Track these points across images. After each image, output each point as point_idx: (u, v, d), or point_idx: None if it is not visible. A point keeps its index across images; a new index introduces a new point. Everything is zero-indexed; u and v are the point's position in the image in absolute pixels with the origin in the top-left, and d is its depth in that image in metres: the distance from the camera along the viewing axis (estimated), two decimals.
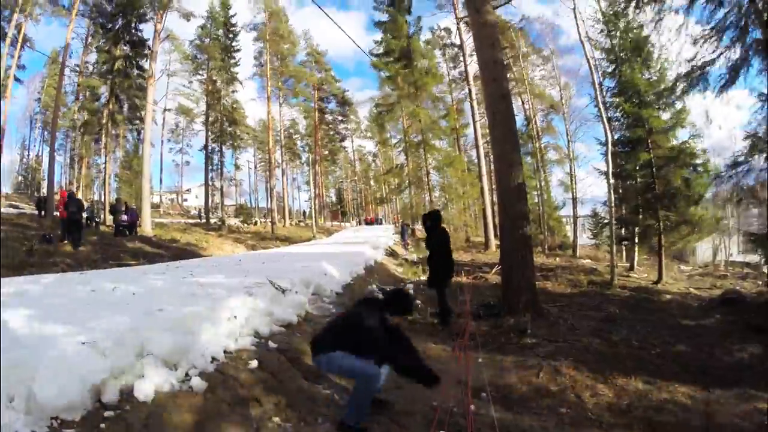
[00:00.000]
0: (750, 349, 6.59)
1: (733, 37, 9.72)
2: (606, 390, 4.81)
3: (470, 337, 6.59)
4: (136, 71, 26.14)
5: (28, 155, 50.17)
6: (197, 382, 3.65)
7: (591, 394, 4.70)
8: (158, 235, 22.50)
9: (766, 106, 9.63)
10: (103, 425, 2.96)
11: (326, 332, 3.99)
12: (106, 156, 27.46)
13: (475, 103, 25.76)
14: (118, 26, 25.03)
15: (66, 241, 15.26)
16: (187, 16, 27.25)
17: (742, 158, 10.04)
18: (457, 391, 4.52)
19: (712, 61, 10.33)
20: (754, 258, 22.79)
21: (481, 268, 16.05)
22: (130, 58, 25.71)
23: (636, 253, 18.29)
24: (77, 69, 30.60)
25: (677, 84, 11.71)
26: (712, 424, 4.12)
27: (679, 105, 15.28)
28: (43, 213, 22.75)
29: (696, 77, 10.73)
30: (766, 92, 9.59)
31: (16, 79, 25.80)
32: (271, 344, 4.98)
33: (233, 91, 36.72)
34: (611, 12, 16.87)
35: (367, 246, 17.10)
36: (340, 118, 49.78)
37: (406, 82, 28.16)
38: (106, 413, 3.06)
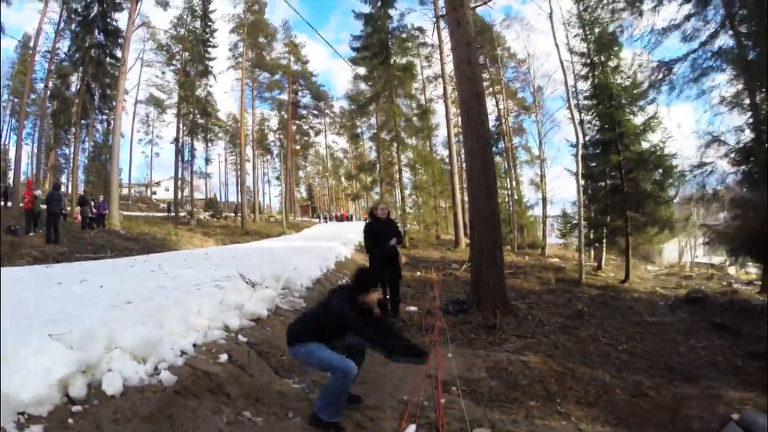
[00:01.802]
0: (714, 346, 6.81)
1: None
2: (574, 384, 4.91)
3: (440, 333, 6.66)
4: (108, 60, 25.51)
5: None
6: (166, 376, 3.60)
7: (559, 388, 4.79)
8: (127, 228, 22.04)
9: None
10: (71, 420, 2.90)
11: (302, 322, 3.93)
12: (75, 146, 26.78)
13: (449, 101, 25.84)
14: (93, 14, 24.37)
15: (32, 234, 14.92)
16: (164, 4, 26.73)
17: (707, 160, 10.53)
18: (427, 385, 4.57)
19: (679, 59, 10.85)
20: (718, 259, 23.41)
21: (450, 265, 16.19)
22: (104, 47, 25.09)
23: (603, 253, 18.62)
24: (48, 55, 29.73)
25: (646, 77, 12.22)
26: (677, 417, 4.24)
27: (651, 109, 15.66)
28: (8, 204, 22.13)
29: (664, 73, 11.18)
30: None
31: None
32: (241, 338, 4.96)
33: (207, 85, 36.07)
34: (589, 19, 17.08)
35: (337, 242, 17.07)
36: (314, 112, 49.23)
37: (383, 79, 27.96)
38: (74, 408, 3.00)
